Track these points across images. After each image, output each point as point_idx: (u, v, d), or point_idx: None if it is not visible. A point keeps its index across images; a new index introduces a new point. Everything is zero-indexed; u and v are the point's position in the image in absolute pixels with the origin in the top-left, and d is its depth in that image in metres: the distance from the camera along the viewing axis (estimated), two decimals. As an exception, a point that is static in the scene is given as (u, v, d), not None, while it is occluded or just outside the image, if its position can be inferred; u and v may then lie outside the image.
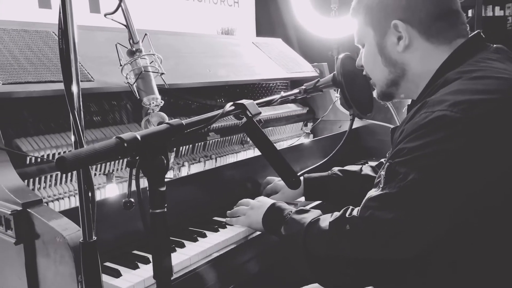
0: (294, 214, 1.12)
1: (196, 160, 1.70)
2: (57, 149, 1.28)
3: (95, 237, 0.78)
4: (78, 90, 0.75)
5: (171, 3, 2.62)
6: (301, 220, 1.08)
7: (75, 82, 0.74)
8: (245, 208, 1.31)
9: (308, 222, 1.05)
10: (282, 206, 1.19)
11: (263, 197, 1.36)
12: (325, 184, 1.50)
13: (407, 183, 0.87)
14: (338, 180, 1.49)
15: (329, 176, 1.51)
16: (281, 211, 1.17)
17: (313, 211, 1.12)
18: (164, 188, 0.72)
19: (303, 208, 1.14)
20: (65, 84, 0.74)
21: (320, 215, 1.08)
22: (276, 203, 1.22)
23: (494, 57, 0.99)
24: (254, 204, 1.29)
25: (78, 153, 0.57)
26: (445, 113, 0.85)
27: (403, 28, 1.04)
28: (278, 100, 1.22)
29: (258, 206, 1.26)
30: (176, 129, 0.75)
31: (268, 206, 1.21)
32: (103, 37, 1.58)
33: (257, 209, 1.26)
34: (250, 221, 1.26)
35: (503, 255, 0.89)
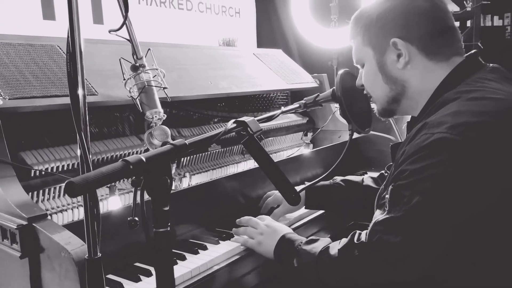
0: (305, 245, 1.15)
1: (197, 170, 1.72)
2: (61, 161, 1.31)
3: (100, 254, 0.80)
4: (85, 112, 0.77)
5: (173, 14, 2.65)
6: (312, 250, 1.11)
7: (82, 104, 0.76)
8: (255, 231, 1.29)
9: (318, 251, 1.09)
10: (292, 238, 1.21)
11: (269, 219, 1.35)
12: (327, 193, 1.51)
13: (411, 206, 0.90)
14: (340, 189, 1.51)
15: (331, 185, 1.53)
16: (292, 243, 1.19)
17: (322, 239, 1.15)
18: (167, 207, 0.74)
19: (313, 238, 1.17)
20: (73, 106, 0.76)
21: (329, 243, 1.11)
22: (286, 235, 1.23)
23: (490, 77, 1.01)
24: (264, 230, 1.28)
25: (86, 177, 0.59)
26: (445, 136, 0.88)
27: (402, 45, 1.06)
28: (278, 115, 1.25)
29: (269, 234, 1.25)
30: (180, 150, 0.77)
31: (279, 238, 1.22)
32: (107, 50, 1.60)
33: (268, 237, 1.25)
34: (260, 249, 1.26)
35: (504, 274, 0.91)
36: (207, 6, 2.83)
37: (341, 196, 1.49)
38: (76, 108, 0.75)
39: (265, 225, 1.29)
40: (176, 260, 1.19)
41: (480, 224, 0.88)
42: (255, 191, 1.65)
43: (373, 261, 0.96)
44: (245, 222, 1.36)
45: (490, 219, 0.88)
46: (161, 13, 2.57)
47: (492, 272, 0.91)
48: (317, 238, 1.16)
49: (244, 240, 1.30)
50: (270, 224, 1.30)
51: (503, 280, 0.91)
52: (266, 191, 1.67)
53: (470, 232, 0.88)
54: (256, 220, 1.34)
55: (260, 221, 1.33)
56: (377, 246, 0.95)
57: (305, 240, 1.17)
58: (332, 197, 1.50)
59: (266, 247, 1.24)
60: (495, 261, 0.90)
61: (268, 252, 1.24)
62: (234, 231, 1.35)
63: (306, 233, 1.51)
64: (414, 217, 0.91)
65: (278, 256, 1.22)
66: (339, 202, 1.50)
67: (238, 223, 1.39)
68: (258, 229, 1.29)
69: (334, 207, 1.52)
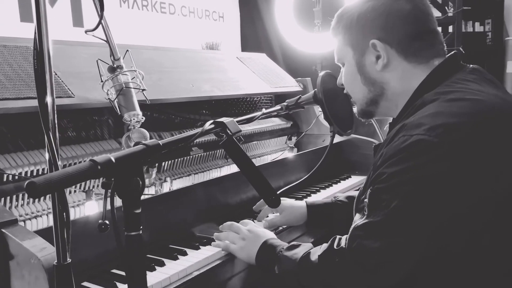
0: (286, 251, 1.13)
1: (179, 175, 1.69)
2: (35, 166, 1.27)
3: (69, 259, 0.77)
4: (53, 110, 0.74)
5: (156, 17, 2.63)
6: (293, 257, 1.09)
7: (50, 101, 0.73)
8: (236, 236, 1.26)
9: (299, 258, 1.07)
10: (274, 243, 1.18)
11: (251, 223, 1.33)
12: (330, 211, 1.47)
13: (390, 210, 0.88)
14: (344, 206, 1.46)
15: (334, 203, 1.49)
16: (273, 249, 1.16)
17: (304, 245, 1.13)
18: (139, 210, 0.71)
19: (294, 244, 1.15)
20: (40, 104, 0.73)
21: (311, 248, 1.09)
22: (268, 240, 1.20)
23: (470, 78, 1.00)
24: (246, 235, 1.25)
25: (50, 177, 0.56)
26: (423, 138, 0.86)
27: (381, 47, 1.05)
28: (259, 117, 1.23)
29: (251, 239, 1.23)
30: (153, 150, 0.75)
31: (260, 244, 1.20)
32: (86, 52, 1.57)
33: (249, 243, 1.22)
34: (242, 255, 1.23)
35: (485, 278, 0.89)
36: (190, 10, 2.81)
37: (343, 212, 1.44)
38: (43, 106, 0.72)
39: (247, 230, 1.26)
40: (155, 266, 1.16)
41: (459, 227, 0.86)
42: (237, 195, 1.62)
43: (353, 267, 0.94)
44: (227, 227, 1.33)
45: (470, 222, 0.86)
46: (143, 17, 2.54)
47: (473, 276, 0.89)
48: (299, 243, 1.14)
49: (225, 245, 1.26)
50: (253, 229, 1.27)
51: (484, 284, 0.89)
52: (249, 196, 1.65)
53: (450, 235, 0.87)
54: (238, 225, 1.31)
55: (242, 226, 1.30)
56: (357, 252, 0.93)
57: (287, 246, 1.15)
58: (336, 215, 1.47)
59: (247, 252, 1.21)
60: (475, 265, 0.89)
61: (250, 257, 1.21)
62: (216, 236, 1.32)
63: (289, 237, 1.49)
64: (393, 222, 0.89)
65: (260, 262, 1.19)
66: (342, 219, 1.43)
67: (220, 229, 1.36)
68: (240, 234, 1.26)
69: (338, 225, 1.46)
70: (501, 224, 0.87)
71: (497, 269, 0.88)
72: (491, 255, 0.87)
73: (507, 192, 0.86)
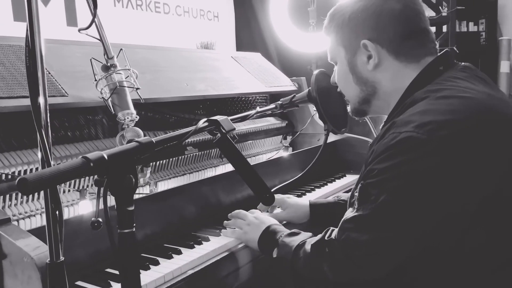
0: (285, 237, 1.16)
1: (174, 174, 1.69)
2: (29, 165, 1.26)
3: (62, 257, 0.77)
4: (45, 108, 0.74)
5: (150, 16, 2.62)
6: (290, 243, 1.12)
7: (42, 99, 0.73)
8: (243, 222, 1.32)
9: (296, 245, 1.10)
10: (276, 229, 1.23)
11: (258, 212, 1.39)
12: (332, 211, 1.48)
13: (378, 204, 0.90)
14: (346, 206, 1.47)
15: (336, 203, 1.50)
16: (274, 234, 1.21)
17: (303, 233, 1.16)
18: (132, 207, 0.71)
19: (295, 231, 1.18)
20: (32, 102, 0.73)
21: (309, 237, 1.12)
22: (271, 226, 1.25)
23: (461, 76, 1.01)
24: (252, 220, 1.31)
25: (42, 174, 0.56)
26: (412, 135, 0.87)
27: (372, 47, 1.06)
28: (253, 115, 1.23)
29: (256, 224, 1.29)
30: (146, 147, 0.74)
31: (264, 229, 1.25)
32: (80, 51, 1.57)
33: (254, 227, 1.28)
34: (247, 238, 1.29)
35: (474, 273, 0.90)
36: (185, 9, 2.81)
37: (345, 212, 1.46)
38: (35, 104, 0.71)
39: (253, 217, 1.32)
40: (149, 265, 1.16)
41: (446, 223, 0.87)
42: (233, 194, 1.62)
43: (340, 258, 0.96)
44: (235, 215, 1.39)
45: (457, 218, 0.87)
46: (137, 16, 2.53)
47: (460, 271, 0.90)
48: (299, 231, 1.17)
49: (231, 231, 1.33)
50: (259, 216, 1.33)
51: (474, 280, 0.90)
52: (244, 195, 1.65)
53: (437, 230, 0.88)
54: (245, 212, 1.37)
55: (249, 213, 1.36)
56: (345, 243, 0.96)
57: (287, 232, 1.18)
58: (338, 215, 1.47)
59: (251, 236, 1.27)
60: (462, 260, 0.89)
61: (253, 241, 1.26)
62: (225, 224, 1.39)
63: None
64: (381, 215, 0.91)
65: (262, 246, 1.23)
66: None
67: (229, 217, 1.41)
68: (246, 220, 1.32)
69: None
70: (489, 220, 0.88)
71: (485, 264, 0.89)
72: (478, 250, 0.88)
73: (495, 188, 0.87)
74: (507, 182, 0.88)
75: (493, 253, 0.89)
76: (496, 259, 0.89)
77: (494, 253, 0.89)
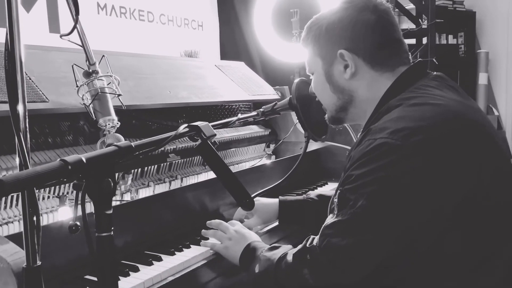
0: (266, 252, 1.16)
1: (156, 181, 1.68)
2: (7, 171, 1.25)
3: (39, 262, 0.76)
4: (24, 112, 0.74)
5: (134, 24, 2.62)
6: (272, 257, 1.12)
7: (21, 103, 0.73)
8: (224, 236, 1.30)
9: (277, 258, 1.10)
10: (257, 246, 1.23)
11: (239, 224, 1.37)
12: (301, 208, 1.52)
13: (357, 209, 0.92)
14: (314, 204, 1.51)
15: (305, 200, 1.54)
16: (255, 251, 1.21)
17: (283, 246, 1.16)
18: (110, 211, 0.71)
19: (275, 245, 1.19)
20: (10, 106, 0.73)
21: (289, 249, 1.12)
22: (251, 243, 1.24)
23: (432, 84, 1.05)
24: (233, 235, 1.29)
25: (18, 175, 0.56)
26: (386, 141, 0.90)
27: (348, 57, 1.09)
28: (235, 122, 1.24)
29: (237, 240, 1.27)
30: (124, 151, 0.75)
31: (245, 246, 1.24)
32: (61, 57, 1.56)
33: (235, 243, 1.27)
34: (227, 254, 1.27)
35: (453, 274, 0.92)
36: (169, 18, 2.82)
37: (313, 210, 1.50)
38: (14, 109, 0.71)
39: (234, 231, 1.31)
40: (129, 271, 1.15)
41: (423, 226, 0.90)
42: (214, 202, 1.62)
43: (323, 264, 0.98)
44: (215, 225, 1.37)
45: (432, 221, 0.89)
46: (121, 24, 2.53)
47: (439, 271, 0.92)
48: (279, 245, 1.18)
49: (212, 244, 1.31)
50: (240, 230, 1.32)
51: (452, 280, 0.92)
52: (226, 202, 1.65)
53: (414, 233, 0.90)
54: (226, 225, 1.35)
55: (230, 226, 1.34)
56: (325, 249, 0.97)
57: (268, 247, 1.19)
58: (305, 212, 1.51)
59: (232, 253, 1.26)
60: (441, 261, 0.92)
61: (234, 258, 1.25)
62: (204, 233, 1.37)
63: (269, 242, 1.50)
64: (359, 220, 0.93)
65: (243, 263, 1.23)
66: (311, 216, 1.49)
67: (208, 225, 1.39)
68: (227, 234, 1.30)
69: (307, 221, 1.52)
70: (464, 221, 0.90)
71: (462, 265, 0.91)
72: (455, 251, 0.91)
73: (468, 190, 0.90)
74: (480, 184, 0.91)
75: (470, 254, 0.91)
76: (473, 259, 0.91)
77: (471, 253, 0.91)
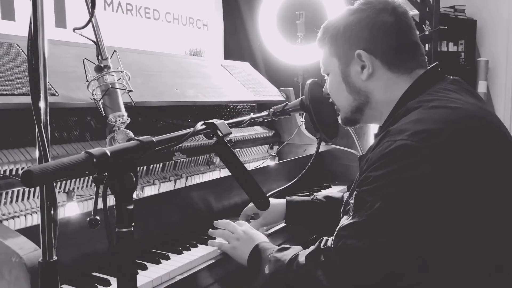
0: (276, 253, 1.15)
1: (161, 180, 1.67)
2: (15, 164, 1.23)
3: (55, 256, 0.75)
4: (46, 104, 0.73)
5: (140, 22, 2.61)
6: (282, 258, 1.11)
7: (43, 95, 0.72)
8: (232, 236, 1.29)
9: (288, 259, 1.09)
10: (265, 247, 1.21)
11: (246, 225, 1.35)
12: (308, 209, 1.51)
13: (374, 211, 0.91)
14: (321, 205, 1.51)
15: (312, 201, 1.53)
16: (264, 252, 1.19)
17: (293, 248, 1.15)
18: (132, 206, 0.70)
19: (285, 246, 1.17)
20: (32, 97, 0.72)
21: (300, 250, 1.11)
22: (260, 244, 1.23)
23: (450, 88, 1.05)
24: (241, 236, 1.28)
25: (46, 167, 0.55)
26: (406, 143, 0.90)
27: (366, 57, 1.09)
28: (247, 121, 1.23)
29: (245, 240, 1.26)
30: (147, 146, 0.74)
31: (253, 247, 1.22)
32: (70, 52, 1.55)
33: (243, 243, 1.25)
34: (235, 255, 1.26)
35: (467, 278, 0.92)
36: (174, 16, 2.81)
37: (320, 211, 1.49)
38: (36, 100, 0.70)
39: (242, 231, 1.29)
40: (137, 269, 1.14)
41: (440, 229, 0.90)
42: (220, 202, 1.61)
43: (337, 265, 0.97)
44: (222, 225, 1.35)
45: (449, 224, 0.89)
46: (127, 21, 2.52)
47: (455, 276, 0.92)
48: (289, 246, 1.16)
49: (219, 243, 1.29)
50: (247, 230, 1.30)
51: (468, 285, 0.92)
52: (231, 202, 1.64)
53: (431, 236, 0.90)
54: (234, 225, 1.33)
55: (238, 226, 1.32)
56: (341, 250, 0.96)
57: (277, 248, 1.17)
58: (312, 213, 1.51)
59: (240, 253, 1.24)
60: (456, 265, 0.92)
61: (242, 258, 1.23)
62: (211, 232, 1.35)
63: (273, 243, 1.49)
64: (376, 222, 0.92)
65: (251, 264, 1.21)
66: (318, 217, 1.49)
67: (215, 225, 1.37)
68: (235, 234, 1.29)
69: (313, 222, 1.52)
70: (481, 225, 0.90)
71: (478, 269, 0.91)
72: (471, 255, 0.90)
73: (486, 193, 0.90)
74: (497, 187, 0.91)
75: (486, 258, 0.91)
76: (489, 264, 0.91)
77: (487, 258, 0.91)
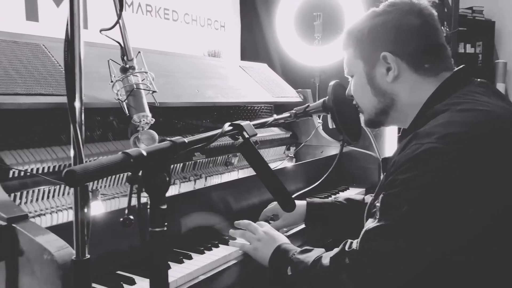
0: (299, 254, 1.15)
1: (182, 179, 1.68)
2: (42, 163, 1.25)
3: (88, 255, 0.76)
4: (81, 104, 0.74)
5: (159, 23, 2.63)
6: (305, 259, 1.11)
7: (78, 95, 0.73)
8: (253, 236, 1.29)
9: (312, 260, 1.09)
10: (287, 248, 1.21)
11: (267, 226, 1.35)
12: (328, 211, 1.51)
13: (400, 214, 0.91)
14: (342, 208, 1.50)
15: (333, 203, 1.53)
16: (286, 253, 1.19)
17: (316, 249, 1.15)
18: (165, 206, 0.71)
19: (307, 248, 1.17)
20: (68, 97, 0.73)
21: (323, 252, 1.11)
22: (282, 245, 1.23)
23: (478, 91, 1.04)
24: (262, 236, 1.28)
25: (86, 166, 0.56)
26: (434, 146, 0.89)
27: (392, 59, 1.08)
28: (270, 122, 1.24)
29: (266, 241, 1.26)
30: (179, 147, 0.75)
31: (275, 248, 1.22)
32: (93, 52, 1.57)
33: (265, 244, 1.25)
34: (257, 255, 1.26)
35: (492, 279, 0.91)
36: (192, 17, 2.83)
37: (341, 214, 1.49)
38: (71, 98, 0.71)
39: (263, 232, 1.29)
40: (162, 268, 1.15)
41: (466, 233, 0.89)
42: (238, 203, 1.62)
43: (363, 268, 0.96)
44: (244, 226, 1.36)
45: (476, 227, 0.89)
46: (147, 22, 2.54)
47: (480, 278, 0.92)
48: (312, 248, 1.16)
49: (241, 244, 1.30)
50: (269, 231, 1.30)
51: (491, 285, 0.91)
52: (250, 203, 1.64)
53: (457, 240, 0.89)
54: (255, 225, 1.34)
55: (259, 227, 1.33)
56: (367, 253, 0.96)
57: (300, 250, 1.17)
58: (332, 215, 1.50)
59: (262, 254, 1.24)
60: (482, 268, 0.91)
61: (263, 259, 1.24)
62: (232, 233, 1.36)
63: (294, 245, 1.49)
64: (403, 225, 0.92)
65: (273, 265, 1.21)
66: (338, 219, 1.49)
67: (236, 225, 1.38)
68: (256, 235, 1.29)
69: (333, 224, 1.51)
70: (504, 230, 0.90)
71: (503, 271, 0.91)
72: (496, 257, 0.90)
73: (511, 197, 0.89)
74: None
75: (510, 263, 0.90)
76: None
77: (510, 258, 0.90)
